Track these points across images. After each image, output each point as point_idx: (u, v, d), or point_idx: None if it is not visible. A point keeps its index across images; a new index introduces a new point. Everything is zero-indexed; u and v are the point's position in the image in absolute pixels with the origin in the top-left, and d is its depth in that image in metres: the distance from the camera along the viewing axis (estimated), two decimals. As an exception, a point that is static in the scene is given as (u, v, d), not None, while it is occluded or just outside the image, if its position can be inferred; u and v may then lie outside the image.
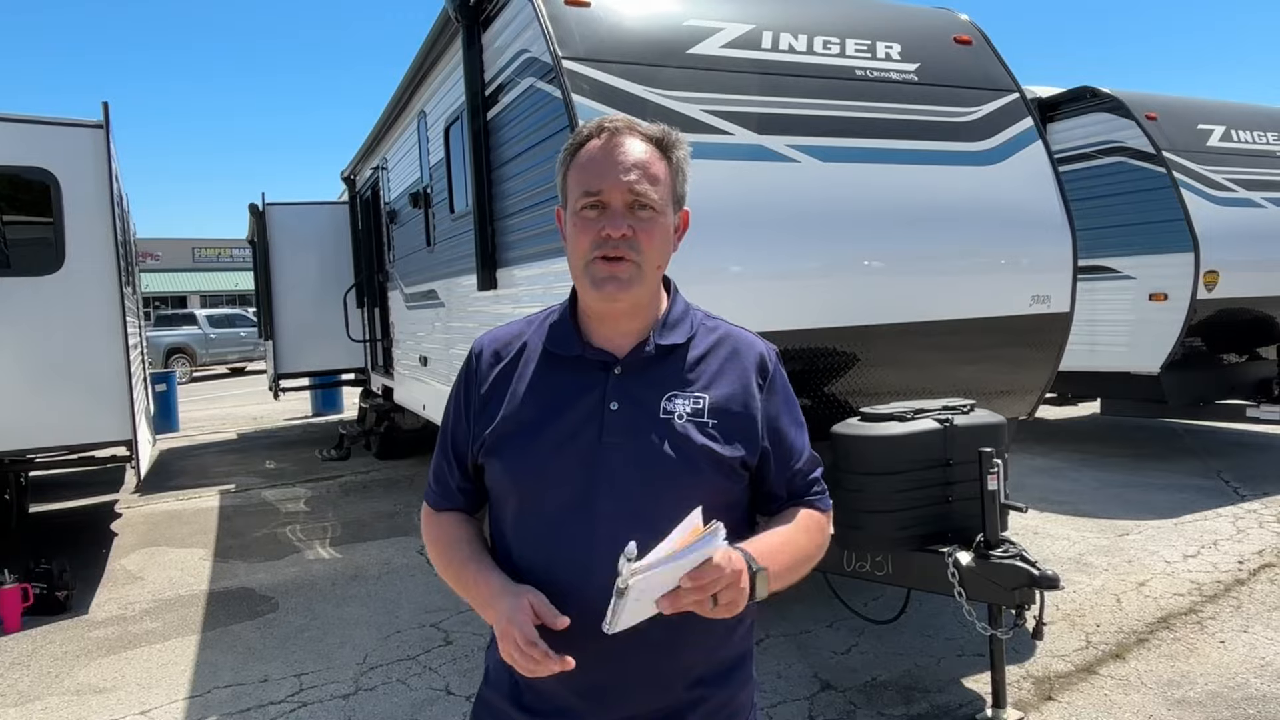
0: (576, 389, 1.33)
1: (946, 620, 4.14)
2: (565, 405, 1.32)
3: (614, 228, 1.27)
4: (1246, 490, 6.41)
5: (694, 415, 1.31)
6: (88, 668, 4.10)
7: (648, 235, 1.29)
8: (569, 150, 1.35)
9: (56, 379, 5.39)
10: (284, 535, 6.30)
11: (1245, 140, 7.40)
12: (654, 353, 1.35)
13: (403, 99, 6.64)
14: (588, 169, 1.31)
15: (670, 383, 1.34)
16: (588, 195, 1.29)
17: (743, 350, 1.41)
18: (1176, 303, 6.67)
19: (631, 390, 1.32)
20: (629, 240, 1.28)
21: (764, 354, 1.42)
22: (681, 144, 1.36)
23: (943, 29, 4.58)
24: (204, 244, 42.60)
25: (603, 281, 1.29)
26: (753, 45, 3.95)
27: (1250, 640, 3.86)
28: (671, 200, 1.34)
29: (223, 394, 17.54)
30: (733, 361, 1.38)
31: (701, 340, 1.39)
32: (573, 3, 3.72)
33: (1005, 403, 4.25)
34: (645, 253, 1.29)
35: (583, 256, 1.30)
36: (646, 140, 1.32)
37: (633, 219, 1.28)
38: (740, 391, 1.36)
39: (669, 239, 1.35)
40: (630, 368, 1.34)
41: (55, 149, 5.40)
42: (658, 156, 1.32)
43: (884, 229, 3.91)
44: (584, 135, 1.34)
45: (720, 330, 1.42)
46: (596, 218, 1.29)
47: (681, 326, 1.39)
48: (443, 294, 5.93)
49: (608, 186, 1.28)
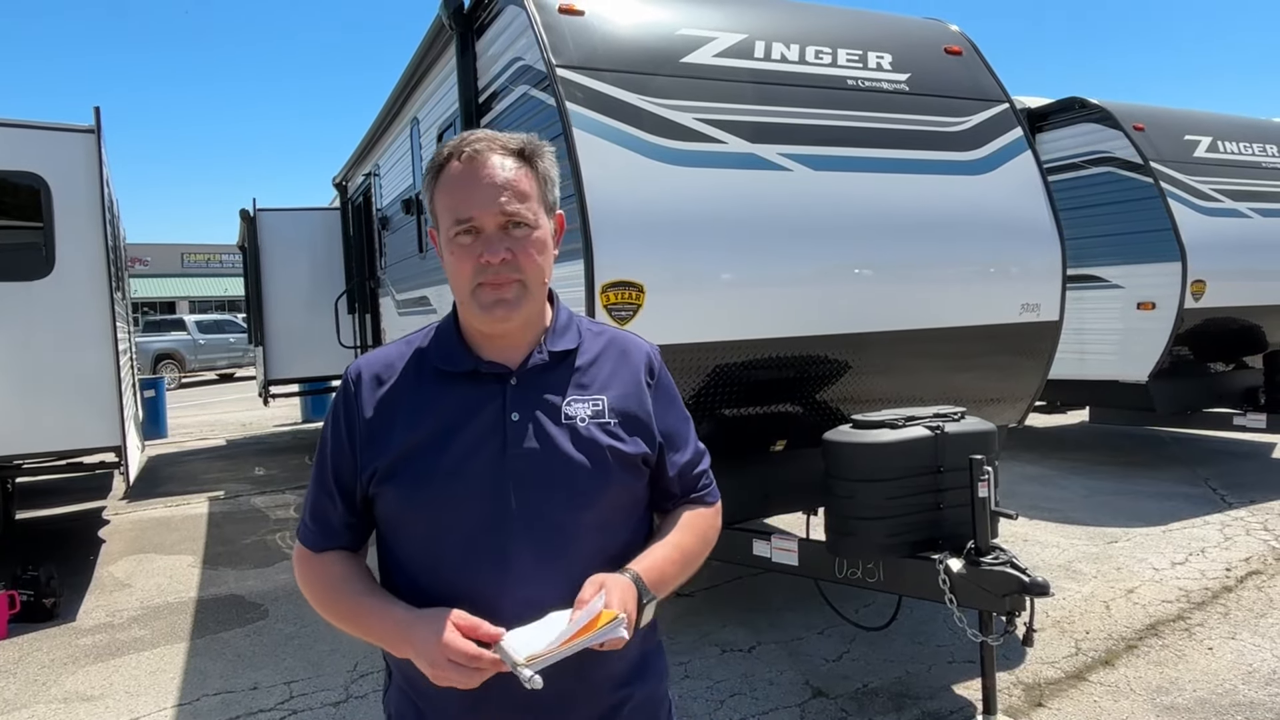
0: (473, 404, 1.31)
1: (937, 627, 4.15)
2: (464, 421, 1.30)
3: (492, 254, 1.26)
4: (1234, 498, 6.46)
5: (595, 417, 1.33)
6: (75, 675, 4.07)
7: (526, 254, 1.29)
8: (430, 172, 1.33)
9: (45, 384, 5.36)
10: (274, 542, 6.27)
11: (1232, 151, 7.47)
12: (547, 360, 1.35)
13: (396, 106, 6.65)
14: (454, 194, 1.28)
15: (567, 388, 1.35)
16: (459, 222, 1.27)
17: (631, 351, 1.43)
18: (1164, 312, 6.72)
19: (530, 399, 1.32)
20: (509, 263, 1.27)
21: (649, 354, 1.46)
22: (545, 151, 1.35)
23: (933, 40, 4.61)
24: (194, 249, 42.41)
25: (491, 306, 1.28)
26: (745, 55, 3.97)
27: (1238, 647, 3.89)
28: (544, 210, 1.33)
29: (212, 400, 17.45)
30: (623, 362, 1.41)
31: (590, 345, 1.41)
32: (567, 11, 3.74)
33: (996, 410, 4.28)
34: (528, 271, 1.29)
35: (466, 283, 1.29)
36: (508, 154, 1.30)
37: (509, 240, 1.27)
38: (634, 391, 1.39)
39: (548, 250, 1.34)
40: (526, 377, 1.34)
41: (46, 154, 5.38)
42: (523, 171, 1.30)
43: (875, 238, 3.94)
44: (444, 155, 1.31)
45: (607, 334, 1.44)
46: (472, 243, 1.27)
47: (569, 333, 1.40)
48: (435, 300, 5.92)
49: (478, 212, 1.26)
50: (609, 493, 1.32)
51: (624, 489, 1.35)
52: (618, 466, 1.32)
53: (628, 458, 1.33)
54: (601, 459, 1.31)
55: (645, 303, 3.36)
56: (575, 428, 1.31)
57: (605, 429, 1.33)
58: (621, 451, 1.33)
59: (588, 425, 1.32)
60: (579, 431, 1.31)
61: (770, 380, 3.77)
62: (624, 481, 1.34)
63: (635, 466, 1.35)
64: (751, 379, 3.69)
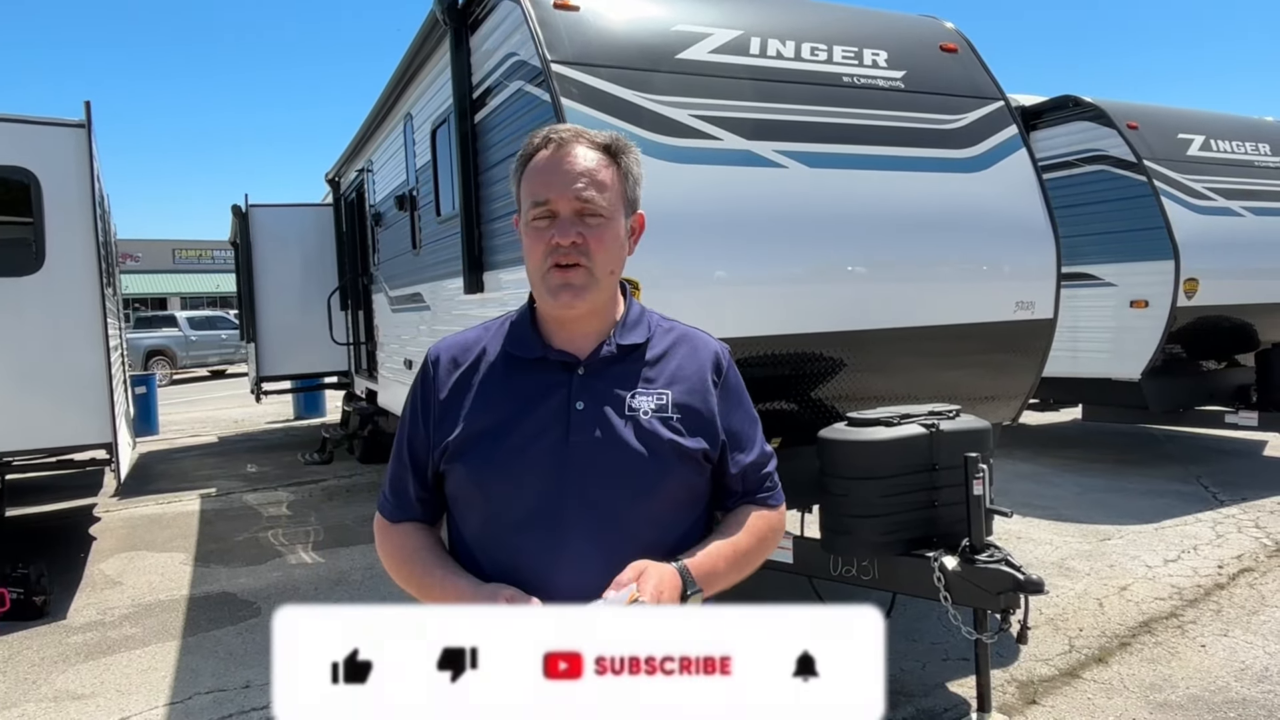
0: (540, 390, 1.35)
1: (932, 625, 4.16)
2: (530, 407, 1.34)
3: (563, 235, 1.31)
4: (1225, 495, 6.49)
5: (659, 411, 1.35)
6: (66, 674, 4.04)
7: (598, 241, 1.33)
8: (520, 161, 1.38)
9: (35, 381, 5.33)
10: (266, 539, 6.25)
11: (1225, 150, 7.50)
12: (615, 352, 1.38)
13: (389, 101, 6.61)
14: (536, 179, 1.35)
15: (633, 381, 1.37)
16: (537, 205, 1.33)
17: (699, 349, 1.45)
18: (1157, 310, 6.74)
19: (596, 389, 1.35)
20: (579, 247, 1.31)
21: (718, 352, 1.48)
22: (630, 150, 1.40)
23: (929, 37, 4.61)
24: (185, 245, 42.19)
25: (558, 289, 1.33)
26: (741, 51, 3.96)
27: (1230, 644, 3.90)
28: (622, 205, 1.38)
29: (204, 397, 17.38)
30: (690, 359, 1.43)
31: (659, 340, 1.43)
32: (561, 6, 3.72)
33: (990, 408, 4.27)
34: (596, 258, 1.33)
35: (538, 265, 1.34)
36: (594, 148, 1.36)
37: (582, 226, 1.32)
38: (699, 388, 1.41)
39: (621, 244, 1.38)
40: (593, 368, 1.37)
41: (36, 148, 5.34)
42: (606, 163, 1.36)
43: (870, 235, 3.93)
44: (533, 146, 1.38)
45: (676, 330, 1.47)
46: (547, 227, 1.33)
47: (640, 327, 1.42)
48: (428, 297, 5.90)
49: (555, 196, 1.32)
50: (667, 486, 1.34)
51: (682, 484, 1.37)
52: (677, 461, 1.34)
53: (688, 453, 1.35)
54: (662, 452, 1.33)
55: (640, 300, 3.34)
56: (638, 420, 1.34)
57: (668, 423, 1.35)
58: (682, 446, 1.34)
59: (650, 419, 1.34)
60: (641, 424, 1.34)
61: (766, 378, 3.76)
62: (683, 476, 1.36)
63: (695, 462, 1.37)
64: (746, 376, 3.65)
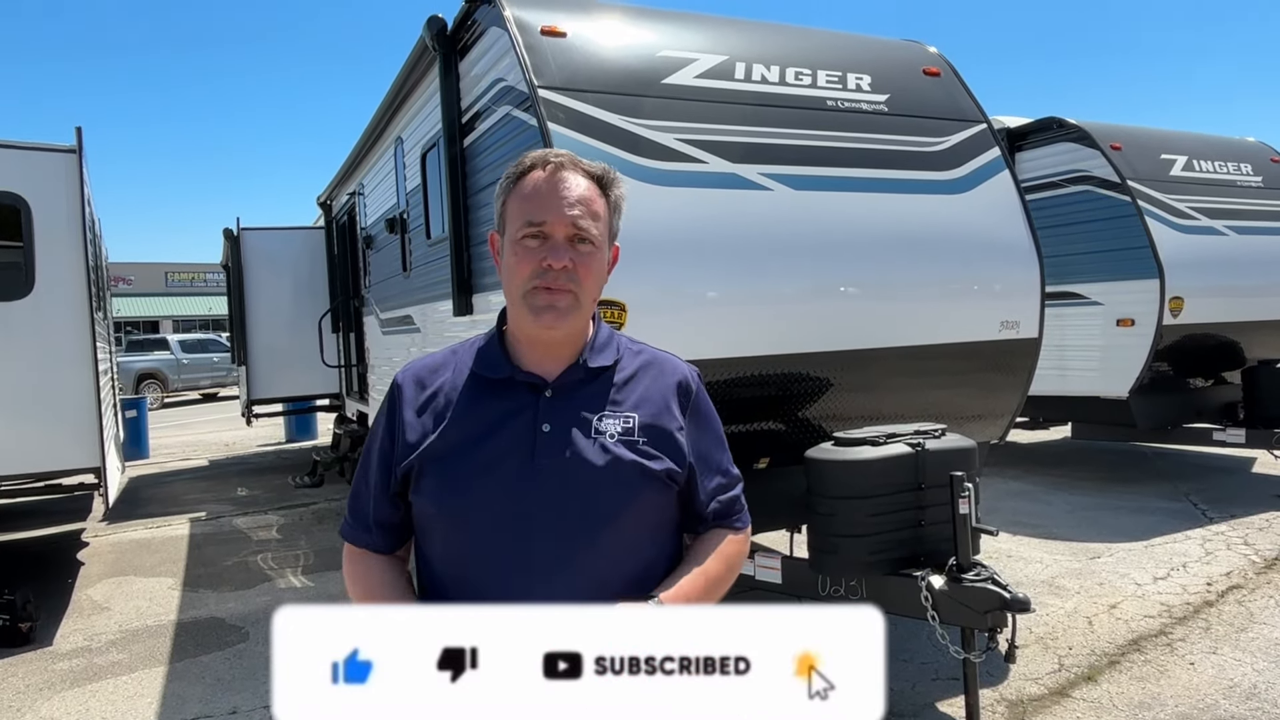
0: (507, 412, 1.35)
1: (920, 644, 4.16)
2: (496, 428, 1.34)
3: (556, 259, 1.31)
4: (1214, 512, 6.51)
5: (625, 434, 1.35)
6: (51, 701, 4.00)
7: (586, 269, 1.34)
8: (510, 178, 1.39)
9: (23, 405, 5.31)
10: (255, 564, 6.21)
11: (1207, 170, 7.59)
12: (584, 375, 1.39)
13: (380, 125, 6.66)
14: (532, 200, 1.34)
15: (601, 403, 1.37)
16: (530, 225, 1.33)
17: (667, 372, 1.46)
18: (1143, 328, 6.80)
19: (563, 411, 1.35)
20: (569, 272, 1.32)
21: (687, 376, 1.48)
22: (619, 183, 1.42)
23: (912, 61, 4.68)
24: (177, 268, 42.18)
25: (541, 310, 1.33)
26: (726, 76, 4.01)
27: (1219, 662, 3.91)
28: (608, 236, 1.40)
29: (195, 420, 17.31)
30: (658, 383, 1.43)
31: (628, 363, 1.44)
32: (549, 32, 3.77)
33: (977, 427, 4.30)
34: (584, 285, 1.34)
35: (522, 285, 1.34)
36: (588, 177, 1.37)
37: (573, 252, 1.33)
38: (666, 411, 1.41)
39: (604, 273, 1.41)
40: (561, 390, 1.37)
41: (27, 173, 5.36)
42: (598, 194, 1.38)
43: (855, 256, 3.97)
44: (526, 165, 1.38)
45: (645, 354, 1.47)
46: (538, 248, 1.33)
47: (608, 349, 1.43)
48: (418, 319, 5.91)
49: (552, 219, 1.33)
50: (633, 509, 1.34)
51: (650, 507, 1.36)
52: (644, 483, 1.34)
53: (655, 475, 1.35)
54: (627, 476, 1.33)
55: (627, 322, 3.37)
56: (604, 443, 1.34)
57: (634, 446, 1.34)
58: (648, 469, 1.34)
59: (616, 441, 1.34)
60: (607, 447, 1.33)
61: (753, 398, 3.78)
62: (649, 499, 1.36)
63: (662, 484, 1.37)
64: (734, 397, 3.70)
